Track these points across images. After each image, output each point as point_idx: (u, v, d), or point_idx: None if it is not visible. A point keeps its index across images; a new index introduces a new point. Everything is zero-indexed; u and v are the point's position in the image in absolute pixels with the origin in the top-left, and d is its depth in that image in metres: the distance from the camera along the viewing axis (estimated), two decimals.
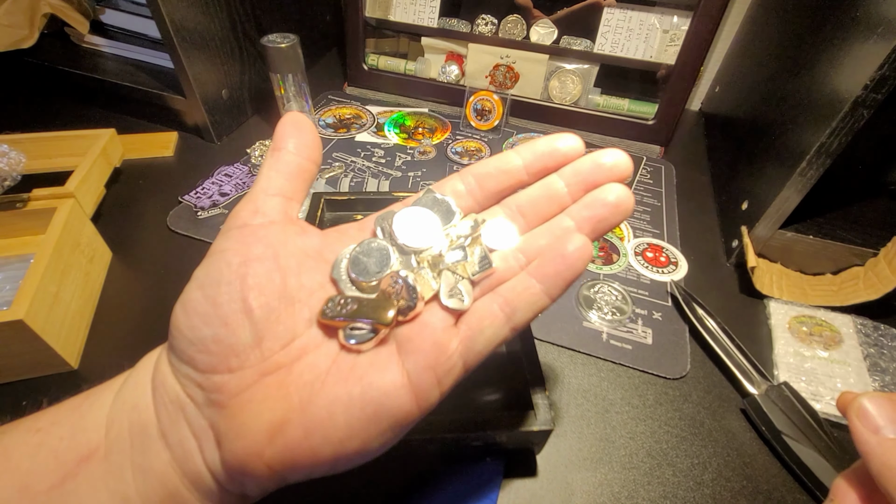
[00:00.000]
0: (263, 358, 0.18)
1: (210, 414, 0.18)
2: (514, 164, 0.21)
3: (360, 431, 0.17)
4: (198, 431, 0.18)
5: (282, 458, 0.17)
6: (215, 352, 0.17)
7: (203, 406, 0.18)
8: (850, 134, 0.36)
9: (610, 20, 0.57)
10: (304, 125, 0.21)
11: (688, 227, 0.51)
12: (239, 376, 0.18)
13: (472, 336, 0.18)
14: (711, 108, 0.70)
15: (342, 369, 0.18)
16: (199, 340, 0.18)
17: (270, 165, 0.20)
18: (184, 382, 0.18)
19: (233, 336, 0.18)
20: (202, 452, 0.18)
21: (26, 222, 0.40)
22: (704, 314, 0.40)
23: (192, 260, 0.19)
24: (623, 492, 0.31)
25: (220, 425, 0.18)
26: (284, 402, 0.17)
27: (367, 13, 0.64)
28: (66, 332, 0.35)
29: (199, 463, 0.18)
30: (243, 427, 0.17)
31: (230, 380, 0.18)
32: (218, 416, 0.18)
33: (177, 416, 0.18)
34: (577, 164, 0.21)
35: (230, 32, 0.57)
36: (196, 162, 0.56)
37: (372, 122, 0.64)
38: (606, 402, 0.36)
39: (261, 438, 0.17)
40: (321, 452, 0.17)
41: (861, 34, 0.36)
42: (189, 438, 0.18)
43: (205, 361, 0.18)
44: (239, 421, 0.17)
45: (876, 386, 0.37)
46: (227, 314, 0.17)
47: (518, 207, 0.21)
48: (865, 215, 0.47)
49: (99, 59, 0.61)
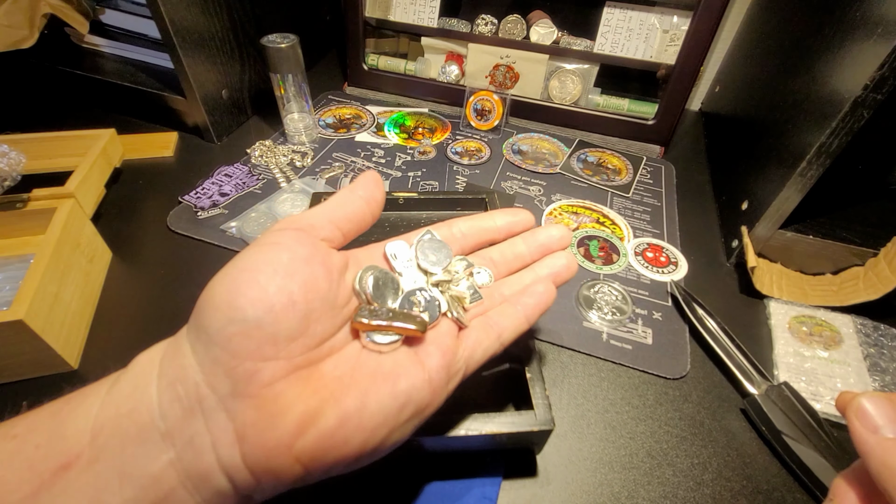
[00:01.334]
0: (298, 352, 0.19)
1: (234, 406, 0.17)
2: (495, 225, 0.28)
3: (390, 419, 0.19)
4: (214, 427, 0.17)
5: (312, 448, 0.17)
6: (255, 336, 0.17)
7: (227, 397, 0.17)
8: (850, 134, 0.36)
9: (610, 20, 0.57)
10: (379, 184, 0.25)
11: (688, 227, 0.51)
12: (273, 366, 0.18)
13: (473, 346, 0.23)
14: (711, 108, 0.70)
15: (368, 367, 0.20)
16: (241, 321, 0.17)
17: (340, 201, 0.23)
18: (208, 370, 0.18)
19: (275, 325, 0.18)
20: (216, 450, 0.17)
21: (26, 222, 0.40)
22: (704, 314, 0.40)
23: (192, 260, 0.19)
24: (623, 492, 0.31)
25: (248, 416, 0.17)
26: (317, 394, 0.18)
27: (367, 13, 0.64)
28: (66, 332, 0.35)
29: (210, 462, 0.17)
30: (274, 418, 0.17)
31: (264, 368, 0.18)
32: (244, 407, 0.17)
33: (191, 410, 0.17)
34: (535, 234, 0.28)
35: (230, 32, 0.57)
36: (196, 162, 0.56)
37: (372, 122, 0.64)
38: (606, 402, 0.36)
39: (292, 429, 0.17)
40: (353, 440, 0.18)
41: (861, 34, 0.36)
42: (202, 434, 0.17)
43: (241, 345, 0.17)
44: (269, 411, 0.17)
45: (876, 386, 0.37)
46: (276, 303, 0.18)
47: (490, 258, 0.28)
48: (865, 215, 0.47)
49: (99, 59, 0.61)
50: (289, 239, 0.20)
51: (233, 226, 0.47)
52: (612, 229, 0.50)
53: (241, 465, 0.17)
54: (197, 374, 0.18)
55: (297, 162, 0.56)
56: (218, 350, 0.17)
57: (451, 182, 0.55)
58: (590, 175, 0.57)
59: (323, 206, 0.22)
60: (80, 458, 0.17)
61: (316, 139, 0.60)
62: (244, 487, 0.18)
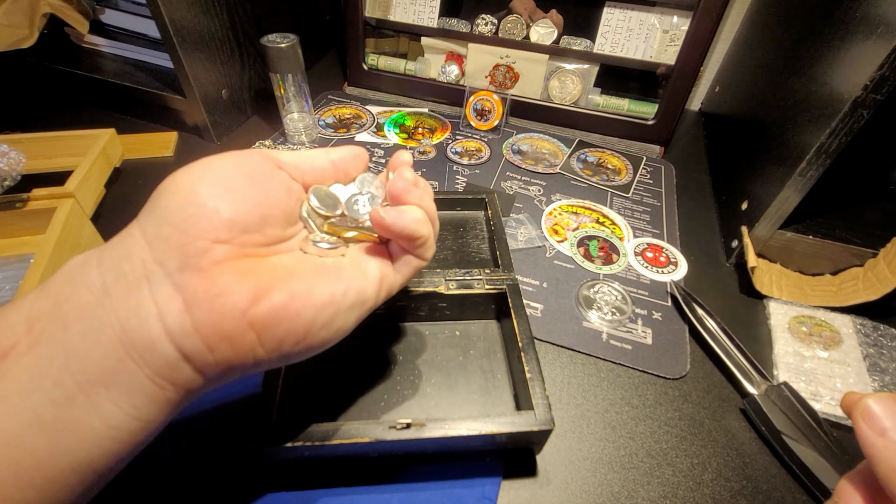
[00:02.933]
0: (247, 243, 0.20)
1: (184, 278, 0.18)
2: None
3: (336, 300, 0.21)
4: (160, 297, 0.18)
5: (265, 317, 0.19)
6: (213, 220, 0.19)
7: (174, 272, 0.18)
8: (850, 134, 0.36)
9: (610, 20, 0.57)
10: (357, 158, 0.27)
11: (688, 227, 0.51)
12: (224, 248, 0.19)
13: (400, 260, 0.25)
14: (711, 108, 0.70)
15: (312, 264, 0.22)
16: (199, 205, 0.19)
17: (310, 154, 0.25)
18: (158, 247, 0.18)
19: (233, 214, 0.19)
20: (162, 319, 0.18)
21: (26, 222, 0.40)
22: (704, 314, 0.40)
23: None
24: (623, 492, 0.31)
25: (198, 287, 0.18)
26: (268, 273, 0.20)
27: (367, 13, 0.64)
28: None
29: (156, 329, 0.18)
30: (227, 287, 0.18)
31: (215, 248, 0.19)
32: (196, 279, 0.18)
33: (137, 285, 0.18)
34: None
35: (230, 32, 0.57)
36: None
37: (372, 122, 0.64)
38: (606, 402, 0.36)
39: (246, 296, 0.18)
40: (303, 314, 0.20)
41: (861, 34, 0.36)
42: (148, 305, 0.18)
43: (197, 225, 0.18)
44: (222, 281, 0.18)
45: (875, 386, 0.37)
46: (236, 198, 0.20)
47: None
48: (865, 215, 0.47)
49: (99, 59, 0.61)
50: (256, 155, 0.22)
51: None
52: (612, 229, 0.50)
53: (191, 331, 0.18)
54: (144, 251, 0.18)
55: None
56: (170, 228, 0.18)
57: (451, 182, 0.55)
58: (590, 175, 0.57)
59: (294, 153, 0.25)
60: (17, 346, 0.17)
61: (316, 139, 0.60)
62: (196, 356, 0.18)
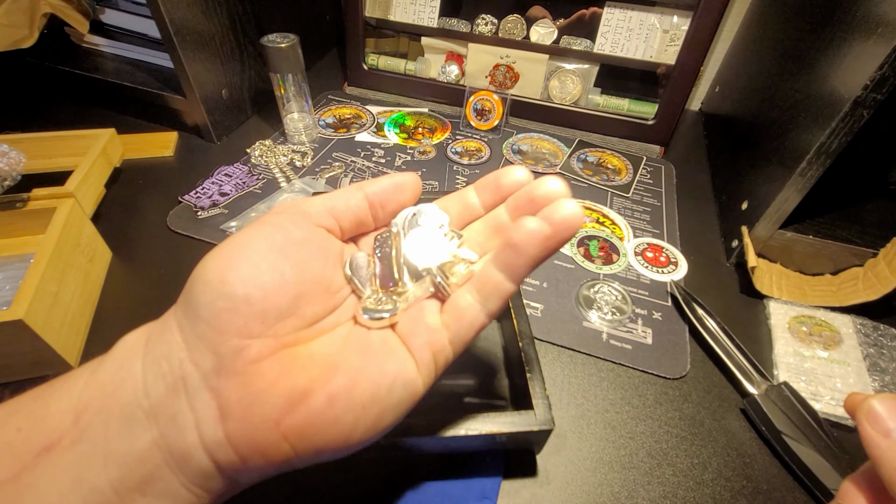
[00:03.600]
0: (287, 331, 0.18)
1: (218, 383, 0.17)
2: (472, 202, 0.24)
3: (381, 400, 0.18)
4: (197, 404, 0.17)
5: (301, 426, 0.17)
6: (244, 312, 0.17)
7: (210, 374, 0.17)
8: (850, 134, 0.36)
9: (610, 20, 0.57)
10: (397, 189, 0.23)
11: (688, 227, 0.51)
12: (260, 344, 0.18)
13: (457, 320, 0.20)
14: (711, 108, 0.70)
15: (357, 346, 0.20)
16: (230, 296, 0.17)
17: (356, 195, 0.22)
18: (193, 346, 0.17)
19: (265, 301, 0.18)
20: (198, 427, 0.17)
21: (26, 222, 0.40)
22: (704, 314, 0.40)
23: (192, 260, 0.19)
24: (623, 492, 0.31)
25: (232, 393, 0.17)
26: (306, 371, 0.18)
27: (367, 13, 0.64)
28: (66, 332, 0.35)
29: (192, 439, 0.17)
30: (261, 394, 0.17)
31: (251, 345, 0.17)
32: (230, 384, 0.17)
33: (175, 388, 0.17)
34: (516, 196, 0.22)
35: (230, 32, 0.57)
36: (196, 162, 0.56)
37: (372, 121, 0.64)
38: (606, 402, 0.36)
39: (280, 405, 0.17)
40: (343, 420, 0.18)
41: (861, 34, 0.36)
42: (185, 412, 0.17)
43: (228, 321, 0.17)
44: (256, 388, 0.17)
45: (876, 386, 0.37)
46: (266, 281, 0.18)
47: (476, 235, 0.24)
48: (865, 215, 0.47)
49: (99, 59, 0.61)
50: (285, 221, 0.20)
51: (233, 225, 0.47)
52: (612, 229, 0.50)
53: (224, 442, 0.17)
54: (182, 350, 0.18)
55: (297, 162, 0.56)
56: (204, 326, 0.17)
57: (451, 182, 0.55)
58: (590, 175, 0.57)
59: (325, 195, 0.22)
60: (62, 439, 0.17)
61: (316, 139, 0.60)
62: (229, 467, 0.18)
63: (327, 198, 0.22)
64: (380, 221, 0.23)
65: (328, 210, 0.21)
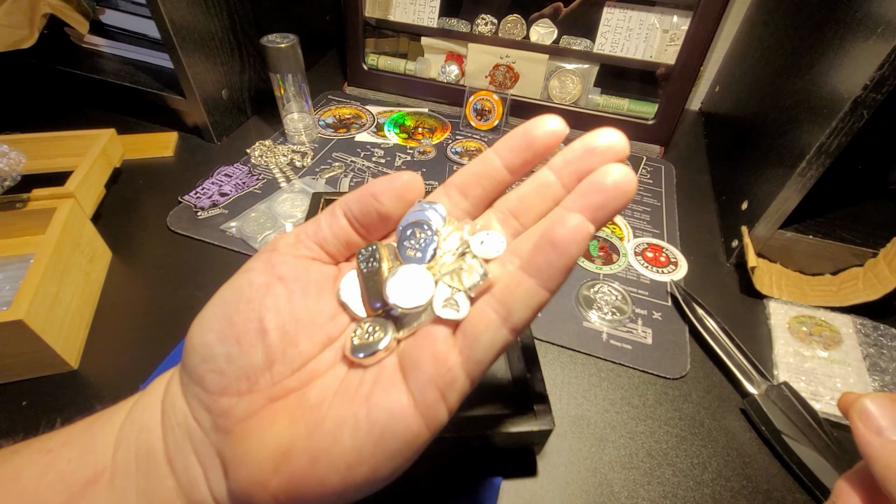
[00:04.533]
0: (273, 382, 0.18)
1: (216, 440, 0.17)
2: (494, 165, 0.20)
3: (368, 456, 0.16)
4: (204, 458, 0.17)
5: (287, 487, 0.16)
6: (227, 372, 0.17)
7: (210, 431, 0.17)
8: (850, 134, 0.36)
9: (610, 20, 0.57)
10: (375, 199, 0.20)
11: (688, 227, 0.51)
12: (247, 401, 0.17)
13: (470, 344, 0.17)
14: (711, 107, 0.70)
15: (349, 389, 0.18)
16: (211, 358, 0.17)
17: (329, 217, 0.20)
18: (192, 404, 0.18)
19: (244, 357, 0.17)
20: (208, 481, 0.17)
21: (26, 222, 0.40)
22: (704, 314, 0.40)
23: (192, 260, 0.19)
24: (623, 492, 0.31)
25: (226, 452, 0.17)
26: (290, 428, 0.17)
27: (367, 13, 0.64)
28: (66, 332, 0.35)
29: (204, 492, 0.17)
30: (248, 455, 0.17)
31: (238, 404, 0.17)
32: (224, 443, 0.17)
33: (184, 441, 0.18)
34: (568, 152, 0.19)
35: (230, 32, 0.57)
36: (196, 162, 0.56)
37: (372, 122, 0.64)
38: (606, 402, 0.36)
39: (266, 467, 0.16)
40: (328, 481, 0.16)
41: (861, 34, 0.36)
42: (195, 465, 0.18)
43: (214, 382, 0.17)
44: (244, 448, 0.17)
45: (876, 386, 0.37)
46: (242, 333, 0.17)
47: (510, 210, 0.20)
48: (865, 215, 0.47)
49: (99, 59, 0.61)
50: (258, 263, 0.19)
51: (232, 226, 0.47)
52: (612, 229, 0.50)
53: (226, 499, 0.17)
54: (184, 406, 0.18)
55: (296, 162, 0.56)
56: (196, 387, 0.18)
57: None
58: None
59: (307, 223, 0.21)
60: (104, 473, 0.18)
61: (316, 139, 0.60)
62: None
63: (306, 225, 0.20)
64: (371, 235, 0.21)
65: (308, 237, 0.20)
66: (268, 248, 0.20)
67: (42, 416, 0.32)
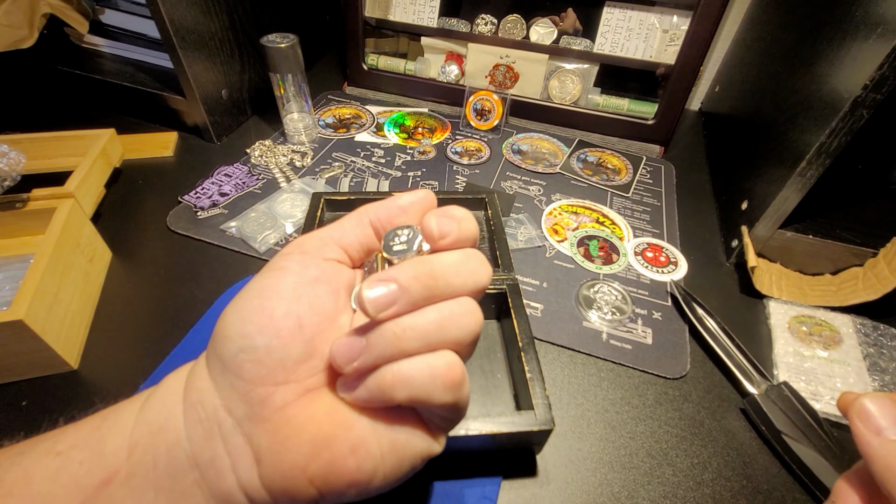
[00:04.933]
0: (309, 374, 0.19)
1: (250, 429, 0.18)
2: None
3: (399, 447, 0.19)
4: (233, 449, 0.18)
5: (325, 472, 0.17)
6: (265, 362, 0.18)
7: (243, 420, 0.18)
8: (850, 134, 0.36)
9: (610, 20, 0.57)
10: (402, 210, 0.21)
11: (688, 227, 0.51)
12: (284, 390, 0.18)
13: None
14: (711, 107, 0.70)
15: None
16: (251, 349, 0.18)
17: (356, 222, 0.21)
18: (225, 395, 0.18)
19: (284, 349, 0.18)
20: (235, 471, 0.18)
21: (26, 222, 0.40)
22: (704, 314, 0.40)
23: (192, 260, 0.19)
24: (623, 492, 0.31)
25: (262, 440, 0.18)
26: (329, 417, 0.18)
27: (367, 13, 0.64)
28: (66, 332, 0.35)
29: (230, 483, 0.18)
30: (288, 440, 0.18)
31: (275, 392, 0.18)
32: (260, 431, 0.18)
33: (211, 433, 0.18)
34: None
35: (230, 32, 0.57)
36: (196, 162, 0.56)
37: (372, 122, 0.64)
38: (606, 402, 0.36)
39: (305, 451, 0.17)
40: (364, 468, 0.18)
41: (861, 34, 0.36)
42: (222, 457, 0.18)
43: (253, 371, 0.18)
44: (283, 434, 0.18)
45: (875, 386, 0.37)
46: (282, 328, 0.18)
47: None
48: (865, 215, 0.47)
49: (99, 59, 0.61)
50: (293, 263, 0.20)
51: (232, 226, 0.47)
52: (612, 229, 0.50)
53: (259, 486, 0.18)
54: (215, 397, 0.18)
55: (296, 162, 0.56)
56: (232, 376, 0.18)
57: (451, 182, 0.55)
58: (590, 175, 0.57)
59: (329, 226, 0.22)
60: (118, 474, 0.18)
61: (316, 139, 0.60)
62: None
63: (332, 229, 0.22)
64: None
65: (335, 241, 0.21)
66: (296, 248, 0.21)
67: (42, 416, 0.32)
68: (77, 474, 0.18)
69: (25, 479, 0.18)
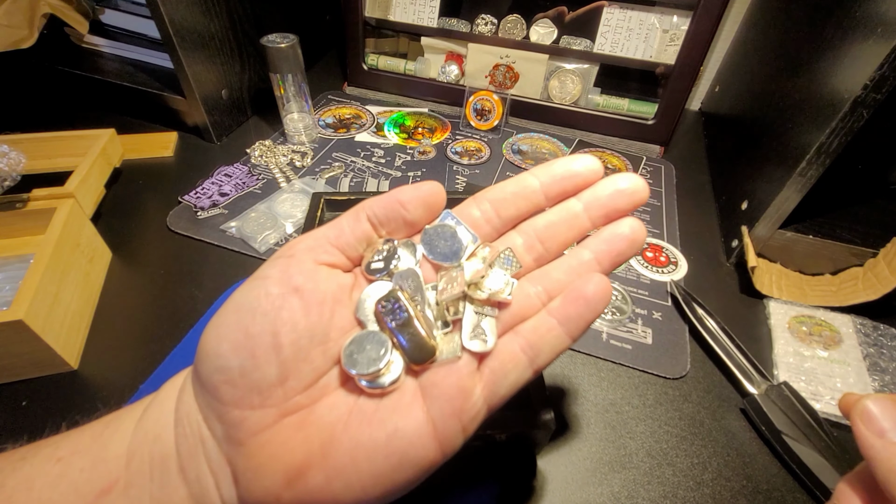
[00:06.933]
0: (286, 397, 0.17)
1: (228, 450, 0.17)
2: (532, 187, 0.20)
3: (383, 479, 0.17)
4: (215, 468, 0.18)
5: (300, 502, 0.17)
6: (240, 385, 0.17)
7: (222, 441, 0.17)
8: (850, 134, 0.36)
9: (610, 20, 0.57)
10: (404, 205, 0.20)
11: (688, 227, 0.51)
12: (260, 414, 0.17)
13: (496, 381, 0.18)
14: (711, 107, 0.70)
15: (365, 411, 0.18)
16: (225, 369, 0.17)
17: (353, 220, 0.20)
18: (205, 413, 0.18)
19: (258, 371, 0.17)
20: (219, 489, 0.17)
21: (26, 222, 0.40)
22: (704, 314, 0.40)
23: (192, 260, 0.19)
24: (623, 492, 0.31)
25: (239, 464, 0.17)
26: (305, 445, 0.17)
27: (367, 13, 0.64)
28: (66, 332, 0.35)
29: (215, 499, 0.18)
30: (261, 468, 0.17)
31: (250, 416, 0.17)
32: (236, 454, 0.17)
33: (196, 449, 0.18)
34: (597, 189, 0.20)
35: (230, 32, 0.57)
36: (196, 162, 0.56)
37: (372, 122, 0.64)
38: (606, 402, 0.36)
39: (279, 480, 0.17)
40: (342, 498, 0.17)
41: (861, 34, 0.36)
42: (206, 474, 0.18)
43: (228, 393, 0.17)
44: (257, 461, 0.17)
45: (875, 386, 0.37)
46: (257, 346, 0.17)
47: (536, 233, 0.20)
48: (865, 215, 0.47)
49: (99, 59, 0.61)
50: (276, 270, 0.18)
51: (232, 226, 0.47)
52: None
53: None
54: (198, 414, 0.18)
55: (296, 162, 0.56)
56: (209, 396, 0.17)
57: (451, 182, 0.55)
58: None
59: (325, 226, 0.20)
60: (118, 483, 0.18)
61: (316, 139, 0.60)
62: None
63: (328, 228, 0.20)
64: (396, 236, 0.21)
65: (330, 242, 0.20)
66: (285, 252, 0.19)
67: (41, 416, 0.32)
68: (77, 482, 0.17)
69: (27, 486, 0.17)
